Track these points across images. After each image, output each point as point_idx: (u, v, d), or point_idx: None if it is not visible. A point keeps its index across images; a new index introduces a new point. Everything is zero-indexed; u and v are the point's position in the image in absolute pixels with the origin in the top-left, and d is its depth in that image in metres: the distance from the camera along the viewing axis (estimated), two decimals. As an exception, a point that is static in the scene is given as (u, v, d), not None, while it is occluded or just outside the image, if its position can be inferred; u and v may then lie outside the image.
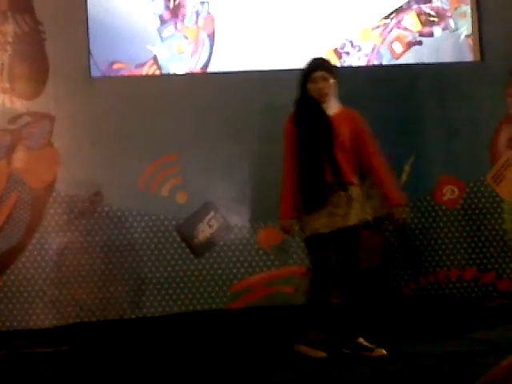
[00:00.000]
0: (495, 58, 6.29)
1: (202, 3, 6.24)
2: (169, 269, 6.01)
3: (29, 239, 5.92)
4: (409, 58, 6.37)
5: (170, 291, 5.99)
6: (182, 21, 6.23)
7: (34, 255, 5.92)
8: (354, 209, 4.41)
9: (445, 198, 6.18)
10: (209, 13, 6.24)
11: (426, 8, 6.41)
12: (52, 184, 5.97)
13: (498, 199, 6.22)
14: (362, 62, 6.34)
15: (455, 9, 6.43)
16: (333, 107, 4.45)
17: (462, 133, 6.17)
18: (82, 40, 6.05)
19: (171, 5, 6.21)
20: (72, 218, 5.97)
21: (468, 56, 6.37)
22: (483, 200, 6.21)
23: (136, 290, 5.97)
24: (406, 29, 6.40)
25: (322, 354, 4.33)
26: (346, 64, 6.31)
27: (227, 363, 4.62)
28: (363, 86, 5.84)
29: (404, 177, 5.89)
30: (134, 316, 5.95)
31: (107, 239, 5.98)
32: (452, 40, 6.40)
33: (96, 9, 6.11)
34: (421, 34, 6.42)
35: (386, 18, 6.36)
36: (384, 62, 6.36)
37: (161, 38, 6.20)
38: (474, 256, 6.16)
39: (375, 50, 6.36)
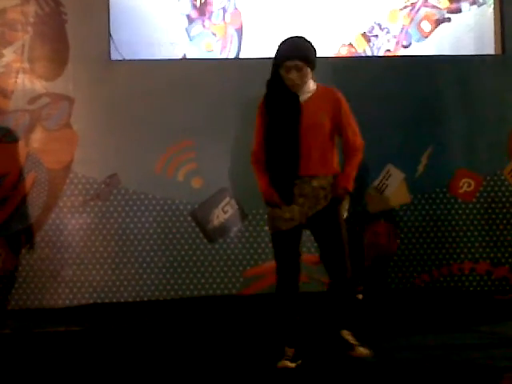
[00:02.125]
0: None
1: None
2: (182, 253, 6.01)
3: (45, 219, 5.94)
4: (436, 37, 6.29)
5: (183, 275, 5.99)
6: (210, 18, 6.21)
7: (49, 235, 5.94)
8: (315, 198, 4.21)
9: (461, 191, 6.15)
10: (235, 8, 6.20)
11: None
12: (69, 165, 5.97)
13: (514, 193, 6.24)
14: (391, 45, 6.27)
15: None
16: (308, 90, 4.25)
17: (481, 126, 6.13)
18: (102, 22, 6.03)
19: (198, 3, 6.18)
20: (88, 200, 5.97)
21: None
22: (499, 194, 6.18)
23: (149, 273, 5.96)
24: (433, 6, 6.36)
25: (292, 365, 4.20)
26: (375, 47, 6.23)
27: (237, 348, 4.67)
28: (383, 77, 5.83)
29: (420, 168, 5.87)
30: (146, 299, 5.96)
31: (122, 222, 5.99)
32: (479, 16, 6.34)
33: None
34: (449, 11, 6.36)
35: None
36: (413, 42, 6.28)
37: (189, 37, 6.18)
38: (487, 249, 6.13)
39: (404, 31, 6.32)
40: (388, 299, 4.54)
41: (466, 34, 6.36)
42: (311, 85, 4.26)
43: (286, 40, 4.30)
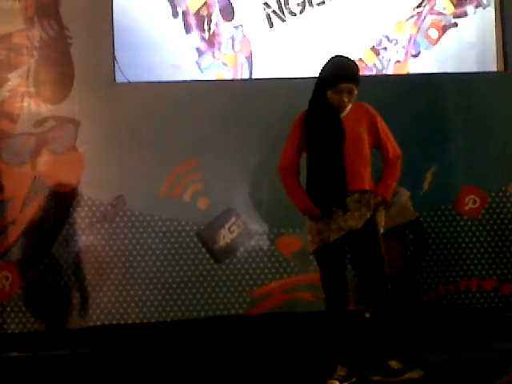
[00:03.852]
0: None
1: (236, 27, 6.22)
2: (189, 273, 5.98)
3: (52, 242, 5.92)
4: (446, 43, 6.29)
5: (190, 296, 5.96)
6: (219, 48, 6.21)
7: (56, 258, 5.92)
8: (359, 211, 4.21)
9: (466, 208, 6.12)
10: (244, 36, 6.21)
11: None
12: (75, 188, 5.96)
13: (520, 209, 6.25)
14: (401, 55, 6.28)
15: None
16: (347, 109, 4.31)
17: (485, 143, 6.11)
18: (107, 45, 6.04)
19: (206, 36, 6.20)
20: (94, 222, 5.96)
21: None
22: (505, 210, 6.15)
23: (156, 294, 5.94)
24: (439, 13, 6.35)
25: None
26: (384, 59, 6.26)
27: (245, 369, 4.69)
28: (387, 95, 5.80)
29: (425, 185, 5.86)
30: (153, 320, 5.92)
31: (129, 243, 5.97)
32: (485, 19, 6.35)
33: (122, 18, 6.11)
34: (455, 16, 6.35)
35: (419, 6, 6.32)
36: (422, 50, 6.28)
37: (200, 69, 6.20)
38: (494, 266, 6.09)
39: (411, 40, 6.32)
40: (395, 317, 4.53)
41: (468, 51, 6.34)
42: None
43: (337, 61, 4.35)
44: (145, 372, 4.71)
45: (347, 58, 4.39)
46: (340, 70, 4.27)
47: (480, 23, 6.36)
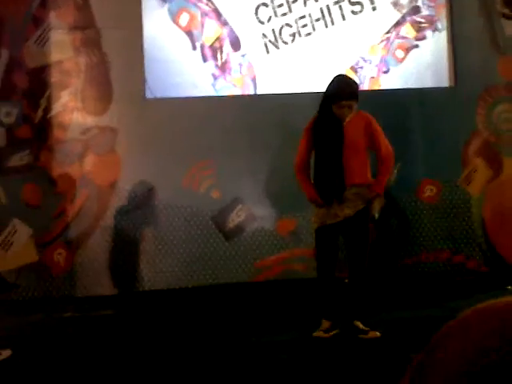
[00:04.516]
0: (467, 83, 6.18)
1: (243, 56, 6.15)
2: (205, 249, 6.00)
3: (96, 226, 5.94)
4: (409, 61, 6.28)
5: (206, 267, 5.99)
6: (230, 73, 6.17)
7: (99, 238, 5.95)
8: (355, 202, 4.25)
9: (425, 196, 6.16)
10: (249, 62, 6.17)
11: (416, 17, 6.30)
12: (115, 182, 5.97)
13: (467, 197, 6.19)
14: (374, 72, 6.24)
15: (439, 14, 6.32)
16: (348, 116, 4.30)
17: (440, 144, 6.09)
18: (139, 68, 6.00)
19: (219, 63, 6.13)
20: (130, 210, 5.98)
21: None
22: (456, 197, 6.18)
23: (180, 266, 5.95)
24: (404, 37, 6.30)
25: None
26: (361, 76, 6.17)
27: (250, 323, 4.76)
28: (364, 106, 5.78)
29: (392, 179, 5.88)
30: (177, 287, 5.92)
31: (157, 226, 6.00)
32: (439, 41, 6.32)
33: (151, 48, 6.05)
34: (416, 39, 6.30)
35: (387, 32, 6.27)
36: (391, 68, 6.25)
37: (215, 90, 6.14)
38: (447, 241, 6.15)
39: (382, 60, 6.26)
40: (372, 282, 4.58)
41: (426, 69, 6.29)
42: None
43: (339, 81, 4.34)
44: (173, 330, 4.70)
45: (348, 77, 4.42)
46: (342, 89, 4.27)
47: (436, 45, 6.31)
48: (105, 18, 6.00)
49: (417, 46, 6.32)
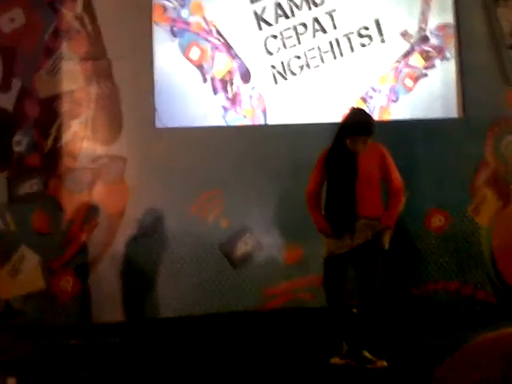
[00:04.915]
0: (476, 114, 6.17)
1: (253, 88, 6.17)
2: (213, 277, 5.98)
3: (104, 254, 5.93)
4: (419, 90, 6.28)
5: (214, 295, 5.95)
6: (240, 105, 6.17)
7: (107, 266, 5.94)
8: (364, 232, 4.23)
9: (434, 226, 6.12)
10: (259, 94, 6.18)
11: (425, 47, 6.32)
12: (123, 211, 5.96)
13: (476, 226, 6.15)
14: (384, 101, 6.25)
15: (448, 43, 6.33)
16: (363, 150, 4.27)
17: (449, 174, 6.08)
18: (148, 98, 6.02)
19: (230, 95, 6.15)
20: (138, 237, 5.97)
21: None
22: (465, 227, 6.15)
23: (188, 293, 5.92)
24: (412, 66, 6.29)
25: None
26: (371, 105, 6.18)
27: (259, 352, 4.75)
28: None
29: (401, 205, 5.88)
30: (183, 314, 5.89)
31: (165, 254, 5.96)
32: (448, 70, 6.33)
33: (161, 79, 6.08)
34: (425, 68, 6.30)
35: (397, 62, 6.28)
36: (400, 96, 6.24)
37: (226, 122, 6.15)
38: (456, 271, 6.11)
39: (392, 89, 6.27)
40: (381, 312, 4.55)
41: (434, 100, 6.28)
42: None
43: (356, 114, 4.35)
44: (180, 358, 4.71)
45: (364, 111, 4.41)
46: (357, 124, 4.26)
47: (444, 74, 6.30)
48: (116, 50, 6.05)
49: (426, 75, 6.33)
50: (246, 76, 6.20)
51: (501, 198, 6.21)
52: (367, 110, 5.93)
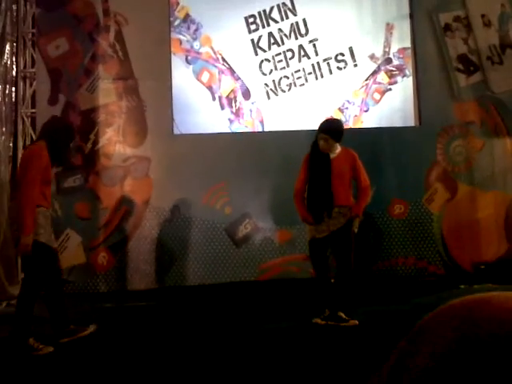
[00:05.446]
0: (429, 123, 6.18)
1: (253, 103, 6.19)
2: (219, 254, 5.98)
3: (133, 234, 5.95)
4: (384, 101, 6.29)
5: (220, 268, 5.96)
6: (242, 117, 6.19)
7: (135, 244, 5.94)
8: (338, 219, 4.23)
9: (395, 213, 6.13)
10: (257, 108, 6.19)
11: (389, 67, 6.31)
12: (148, 200, 5.96)
13: (429, 213, 6.15)
14: (357, 111, 6.23)
15: (407, 62, 6.34)
16: (335, 152, 4.28)
17: (408, 171, 6.09)
18: (168, 110, 6.03)
19: (234, 110, 6.17)
20: (160, 222, 5.98)
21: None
22: (420, 214, 6.15)
23: (198, 267, 5.92)
24: (379, 83, 6.31)
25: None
26: (347, 115, 6.19)
27: (254, 313, 4.71)
28: (347, 142, 5.76)
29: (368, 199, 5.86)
30: (197, 284, 5.89)
31: (181, 235, 5.96)
32: (407, 86, 6.34)
33: (178, 94, 6.09)
34: (390, 83, 6.31)
35: (366, 80, 6.29)
36: (370, 108, 6.25)
37: (231, 131, 6.16)
38: (413, 249, 6.11)
39: (363, 101, 6.26)
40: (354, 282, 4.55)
41: (396, 112, 6.28)
42: (337, 148, 4.30)
43: (324, 121, 4.34)
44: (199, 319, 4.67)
45: (332, 119, 4.38)
46: (320, 125, 4.30)
47: (404, 89, 6.30)
48: (141, 71, 6.04)
49: (390, 90, 6.34)
50: (246, 94, 6.21)
51: (448, 191, 6.20)
52: (342, 119, 6.01)
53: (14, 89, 6.09)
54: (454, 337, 0.47)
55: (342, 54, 6.29)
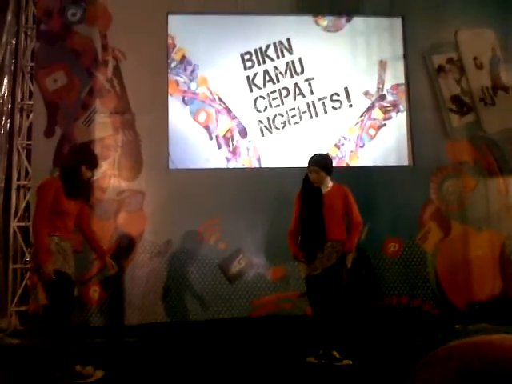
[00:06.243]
0: (422, 163, 6.25)
1: (250, 141, 6.23)
2: (212, 290, 5.94)
3: (126, 268, 5.90)
4: (378, 139, 6.35)
5: (213, 304, 5.92)
6: (240, 156, 6.23)
7: (128, 277, 5.91)
8: (330, 255, 4.23)
9: (389, 251, 6.13)
10: (254, 146, 6.24)
11: (383, 103, 6.40)
12: (141, 234, 5.94)
13: (423, 252, 6.16)
14: (353, 147, 6.30)
15: (401, 97, 6.43)
16: (327, 186, 4.30)
17: (402, 210, 6.09)
18: (163, 145, 6.05)
19: (231, 149, 6.22)
20: (152, 256, 5.95)
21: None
22: (414, 253, 6.16)
23: (191, 302, 5.89)
24: (374, 119, 6.37)
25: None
26: (343, 150, 6.26)
27: (249, 350, 4.70)
28: (340, 179, 5.73)
29: (362, 236, 5.70)
30: (188, 319, 5.83)
31: (173, 270, 5.93)
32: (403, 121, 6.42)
33: (174, 130, 6.13)
34: (384, 119, 6.38)
35: (361, 116, 6.36)
36: (366, 143, 6.30)
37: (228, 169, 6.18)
38: (407, 288, 6.10)
39: (359, 137, 6.32)
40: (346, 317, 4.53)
41: (391, 152, 6.35)
42: (329, 183, 4.33)
43: (314, 155, 4.36)
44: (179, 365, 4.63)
45: (322, 153, 4.42)
46: (310, 159, 4.35)
47: (399, 123, 6.37)
48: (138, 105, 6.08)
49: (385, 125, 6.42)
50: (243, 132, 6.27)
51: (442, 230, 6.24)
52: (339, 154, 6.08)
53: (9, 120, 6.12)
54: (456, 379, 0.48)
55: (337, 94, 6.38)
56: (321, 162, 4.34)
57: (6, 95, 6.12)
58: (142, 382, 3.87)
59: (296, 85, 6.37)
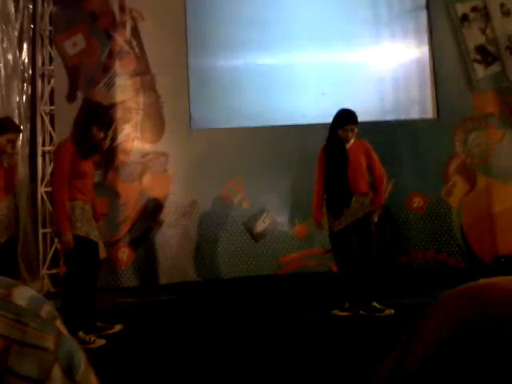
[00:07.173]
0: (447, 116, 6.18)
1: None
2: (238, 249, 6.01)
3: (154, 228, 5.98)
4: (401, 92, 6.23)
5: (239, 262, 5.99)
6: None
7: (155, 238, 5.99)
8: (356, 210, 4.26)
9: (414, 206, 6.13)
10: None
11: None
12: (166, 196, 6.00)
13: (449, 206, 6.16)
14: None
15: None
16: (349, 142, 4.33)
17: (427, 164, 6.08)
18: (185, 106, 6.07)
19: None
20: (178, 217, 6.01)
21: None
22: (439, 207, 6.15)
23: (217, 261, 5.97)
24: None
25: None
26: None
27: (275, 305, 4.79)
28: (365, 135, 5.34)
29: (387, 193, 5.79)
30: (215, 277, 5.94)
31: (200, 230, 6.01)
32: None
33: (197, 88, 6.13)
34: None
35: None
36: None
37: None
38: (432, 242, 6.11)
39: None
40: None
41: (413, 104, 6.29)
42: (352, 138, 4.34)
43: (343, 110, 4.30)
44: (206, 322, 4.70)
45: (350, 109, 4.40)
46: (346, 116, 4.29)
47: (421, 82, 6.27)
48: (158, 66, 6.07)
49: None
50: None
51: (468, 183, 6.20)
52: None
53: (31, 86, 6.17)
54: (459, 325, 0.45)
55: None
56: (356, 118, 4.33)
57: (26, 61, 6.15)
58: (172, 339, 3.96)
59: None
